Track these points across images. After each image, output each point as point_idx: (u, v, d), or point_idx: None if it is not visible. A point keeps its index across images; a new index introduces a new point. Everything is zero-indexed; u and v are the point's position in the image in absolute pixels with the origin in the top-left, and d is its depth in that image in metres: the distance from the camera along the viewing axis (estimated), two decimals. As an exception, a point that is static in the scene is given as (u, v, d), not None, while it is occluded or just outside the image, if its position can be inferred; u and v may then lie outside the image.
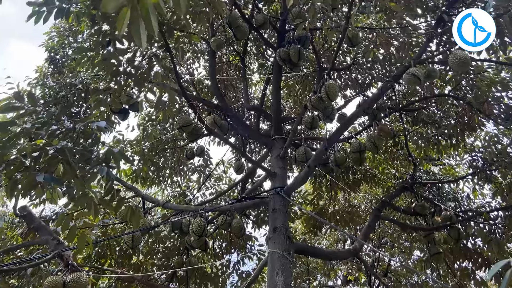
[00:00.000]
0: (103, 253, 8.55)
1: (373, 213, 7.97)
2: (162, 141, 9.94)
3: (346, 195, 10.77)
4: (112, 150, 3.94)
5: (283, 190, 6.50)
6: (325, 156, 7.73)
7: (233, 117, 7.60)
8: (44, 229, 5.27)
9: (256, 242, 10.57)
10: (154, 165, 10.17)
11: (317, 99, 5.82)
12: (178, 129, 6.16)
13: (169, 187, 10.83)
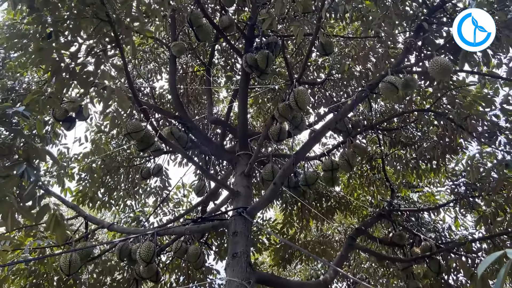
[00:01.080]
0: (38, 284, 7.85)
1: (347, 241, 7.63)
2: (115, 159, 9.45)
3: (318, 224, 10.42)
4: (35, 145, 3.50)
5: (245, 210, 6.12)
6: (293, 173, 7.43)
7: (194, 130, 7.25)
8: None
9: (218, 276, 10.05)
10: (105, 186, 9.63)
11: (285, 107, 5.55)
12: (126, 135, 5.74)
13: (122, 211, 10.25)
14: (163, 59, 10.20)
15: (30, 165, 3.43)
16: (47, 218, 3.72)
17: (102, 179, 9.36)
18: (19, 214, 3.80)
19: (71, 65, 5.30)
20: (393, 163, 8.74)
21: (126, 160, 9.69)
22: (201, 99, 10.45)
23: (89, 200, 9.30)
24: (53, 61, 5.09)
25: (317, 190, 10.36)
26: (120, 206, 10.17)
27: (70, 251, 5.47)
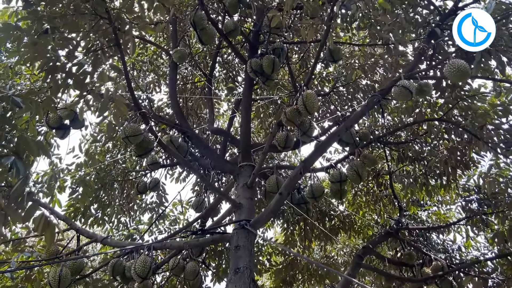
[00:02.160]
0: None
1: (354, 260, 7.32)
2: (109, 173, 9.16)
3: (322, 244, 10.08)
4: (27, 138, 3.25)
5: (249, 223, 5.82)
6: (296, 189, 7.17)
7: (194, 139, 7.01)
8: None
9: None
10: (99, 201, 9.31)
11: (293, 111, 5.33)
12: (124, 139, 5.48)
13: (115, 228, 9.90)
14: (162, 70, 10.04)
15: (19, 158, 3.17)
16: (35, 218, 3.43)
17: (96, 194, 9.06)
18: (5, 212, 3.52)
19: (67, 65, 5.11)
20: (401, 179, 8.48)
21: (121, 174, 9.40)
22: (200, 113, 10.25)
23: (81, 215, 8.98)
24: (48, 59, 4.88)
25: (320, 209, 10.08)
26: (114, 223, 9.83)
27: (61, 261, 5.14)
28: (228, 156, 9.96)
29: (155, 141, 5.57)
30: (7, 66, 6.81)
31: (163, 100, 10.13)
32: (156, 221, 9.58)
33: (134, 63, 9.75)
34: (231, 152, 10.03)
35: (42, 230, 3.34)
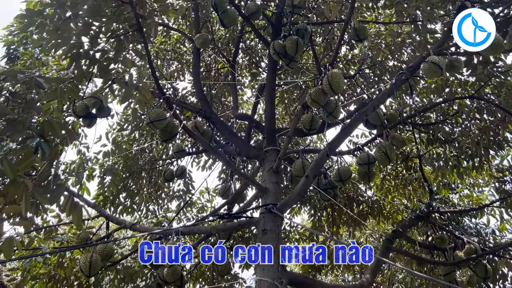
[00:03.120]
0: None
1: (384, 244, 7.17)
2: (137, 162, 9.24)
3: (350, 229, 9.94)
4: (51, 120, 3.25)
5: (275, 207, 5.76)
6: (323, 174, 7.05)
7: (219, 124, 6.96)
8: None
9: (244, 285, 9.66)
10: (127, 190, 9.42)
11: (318, 91, 5.21)
12: (149, 124, 5.48)
13: (144, 217, 10.00)
14: (186, 58, 10.03)
15: (44, 140, 3.17)
16: (62, 201, 3.44)
17: (124, 182, 9.16)
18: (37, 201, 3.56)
19: (90, 51, 5.12)
20: (431, 161, 8.25)
21: (149, 163, 9.47)
22: (225, 100, 10.21)
23: (111, 204, 9.10)
24: (71, 46, 4.89)
25: (348, 194, 9.94)
26: (143, 211, 9.94)
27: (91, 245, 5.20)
28: (253, 142, 9.92)
29: (180, 126, 5.54)
30: (33, 55, 6.89)
31: (187, 89, 10.13)
32: (184, 208, 9.62)
33: (158, 52, 9.76)
34: (256, 139, 9.97)
35: (70, 211, 3.35)
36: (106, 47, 5.22)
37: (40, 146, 3.00)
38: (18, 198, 3.33)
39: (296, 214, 11.42)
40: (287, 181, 9.14)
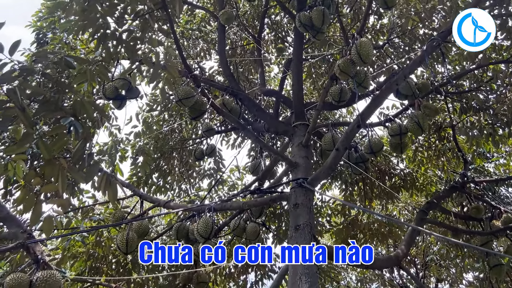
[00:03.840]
0: (97, 267, 7.84)
1: (418, 216, 7.07)
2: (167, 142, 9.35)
3: (383, 202, 9.83)
4: (83, 100, 3.29)
5: (306, 181, 5.74)
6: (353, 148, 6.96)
7: (246, 101, 6.94)
8: (13, 221, 4.62)
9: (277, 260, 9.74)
10: (159, 170, 9.57)
11: (346, 62, 5.11)
12: (177, 102, 5.51)
13: (177, 196, 10.16)
14: (211, 37, 9.98)
15: (77, 119, 3.23)
16: (97, 179, 3.52)
17: (156, 163, 9.29)
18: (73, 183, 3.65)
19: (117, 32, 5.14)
20: (465, 131, 8.02)
21: (179, 143, 9.58)
22: (252, 77, 10.15)
23: (144, 184, 9.27)
24: (98, 27, 4.92)
25: (379, 168, 9.81)
26: (175, 191, 10.10)
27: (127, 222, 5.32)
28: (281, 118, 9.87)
29: (208, 103, 5.55)
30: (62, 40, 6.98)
31: (214, 68, 10.12)
32: (215, 186, 9.71)
33: (183, 32, 9.74)
34: (284, 116, 9.91)
35: (105, 189, 3.42)
36: (132, 27, 5.25)
37: (73, 125, 3.06)
38: (55, 178, 3.42)
39: (327, 190, 11.38)
40: (317, 156, 9.08)
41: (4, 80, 2.95)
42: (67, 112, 3.29)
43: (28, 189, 3.58)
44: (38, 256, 4.19)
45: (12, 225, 4.70)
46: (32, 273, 4.08)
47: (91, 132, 7.28)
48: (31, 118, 3.02)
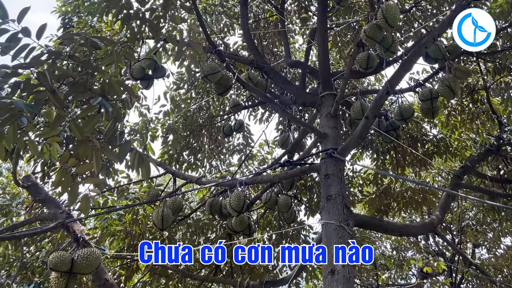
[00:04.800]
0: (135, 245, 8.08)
1: (452, 181, 6.95)
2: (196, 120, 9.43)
3: (416, 170, 9.69)
4: (111, 79, 3.34)
5: (336, 151, 5.69)
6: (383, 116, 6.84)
7: (272, 74, 6.88)
8: (52, 202, 4.80)
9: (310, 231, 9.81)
10: (189, 148, 9.69)
11: (372, 27, 4.98)
12: (203, 78, 5.52)
13: (208, 172, 10.29)
14: (234, 11, 9.90)
15: (106, 99, 3.28)
16: (130, 157, 3.59)
17: (186, 140, 9.40)
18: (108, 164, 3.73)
19: (140, 12, 5.16)
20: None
21: (207, 120, 9.64)
22: (276, 50, 10.05)
23: (175, 162, 9.41)
24: (121, 7, 4.95)
25: (411, 135, 9.64)
26: (206, 167, 10.22)
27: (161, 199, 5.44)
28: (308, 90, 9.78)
29: (234, 77, 5.54)
30: (87, 23, 7.06)
31: (238, 43, 10.06)
32: (245, 161, 9.77)
33: (206, 8, 9.69)
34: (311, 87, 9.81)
35: (138, 165, 3.49)
36: (154, 6, 5.25)
37: (102, 105, 3.11)
38: (89, 158, 3.51)
39: (358, 160, 11.29)
40: (346, 126, 8.99)
41: (34, 64, 3.01)
42: (96, 92, 3.34)
43: (64, 171, 3.66)
44: (78, 235, 4.35)
45: (51, 206, 4.90)
46: (73, 251, 4.24)
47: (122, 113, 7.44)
48: (62, 100, 3.08)
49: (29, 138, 3.50)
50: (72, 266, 3.97)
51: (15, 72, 2.99)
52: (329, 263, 4.83)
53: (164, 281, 8.02)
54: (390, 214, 10.14)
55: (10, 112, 2.92)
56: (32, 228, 4.60)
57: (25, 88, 3.13)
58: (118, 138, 3.43)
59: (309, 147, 7.89)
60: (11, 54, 3.09)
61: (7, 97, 2.95)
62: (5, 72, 2.95)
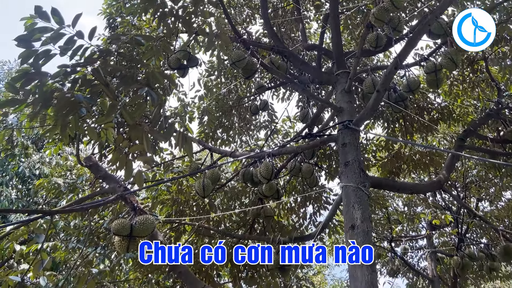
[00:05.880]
0: (181, 210, 8.28)
1: (456, 143, 6.81)
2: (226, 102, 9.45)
3: (423, 135, 9.50)
4: (153, 71, 3.37)
5: (351, 122, 5.64)
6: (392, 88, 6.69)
7: (291, 57, 6.80)
8: (111, 178, 4.95)
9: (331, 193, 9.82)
10: (222, 126, 9.75)
11: (380, 9, 4.85)
12: (231, 65, 5.51)
13: (239, 147, 10.35)
14: (254, 3, 9.75)
15: (151, 88, 3.32)
16: (174, 137, 3.65)
17: (219, 120, 9.46)
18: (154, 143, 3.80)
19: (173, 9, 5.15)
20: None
21: (236, 101, 9.66)
22: (293, 35, 9.88)
23: (211, 139, 9.50)
24: (157, 6, 4.95)
25: (418, 104, 9.42)
26: (237, 142, 10.28)
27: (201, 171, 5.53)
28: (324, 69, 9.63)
29: (258, 62, 5.50)
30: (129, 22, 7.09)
31: (259, 31, 9.93)
32: (271, 136, 9.78)
33: (230, 1, 9.57)
34: (326, 67, 9.66)
35: (181, 144, 3.55)
36: (186, 3, 5.23)
37: (148, 94, 3.15)
38: (140, 139, 3.58)
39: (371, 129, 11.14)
40: (359, 100, 8.85)
41: (88, 62, 3.07)
42: (142, 83, 3.39)
43: (119, 151, 3.76)
44: (134, 204, 4.48)
45: (110, 181, 5.05)
46: (131, 218, 4.39)
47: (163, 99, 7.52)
48: (114, 92, 3.14)
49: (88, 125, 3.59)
50: (131, 231, 4.12)
51: (73, 70, 3.05)
52: (349, 220, 4.87)
53: (207, 240, 8.23)
54: (401, 175, 10.04)
55: (72, 105, 3.00)
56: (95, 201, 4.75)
57: (82, 83, 3.20)
58: (164, 122, 3.48)
59: (327, 120, 7.82)
60: (68, 54, 3.15)
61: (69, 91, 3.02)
62: (65, 70, 3.02)
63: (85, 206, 3.83)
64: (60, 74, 2.98)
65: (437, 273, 11.79)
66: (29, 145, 14.10)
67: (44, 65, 2.88)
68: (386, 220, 11.19)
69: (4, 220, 12.88)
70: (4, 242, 4.22)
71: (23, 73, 2.85)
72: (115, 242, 4.28)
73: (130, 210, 4.48)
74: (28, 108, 3.36)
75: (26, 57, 2.79)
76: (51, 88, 3.11)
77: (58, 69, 2.98)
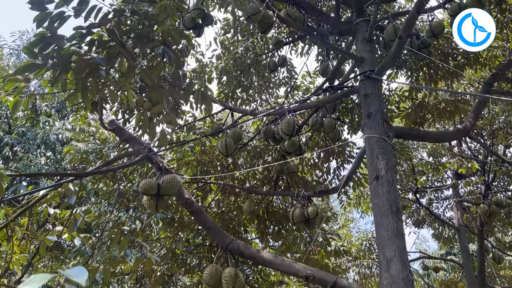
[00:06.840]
0: (206, 170, 8.40)
1: (484, 87, 6.56)
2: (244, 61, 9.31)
3: (448, 82, 9.17)
4: (169, 28, 3.31)
5: (373, 72, 5.48)
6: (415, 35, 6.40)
7: (309, 8, 6.56)
8: (135, 140, 5.01)
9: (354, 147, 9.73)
10: (241, 86, 9.66)
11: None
12: (247, 19, 5.37)
13: (260, 105, 10.29)
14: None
15: (167, 46, 3.27)
16: (193, 95, 3.63)
17: (238, 79, 9.36)
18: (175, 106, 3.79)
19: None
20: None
21: (254, 59, 9.50)
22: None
23: (231, 99, 9.46)
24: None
25: (442, 50, 9.03)
26: (257, 101, 10.21)
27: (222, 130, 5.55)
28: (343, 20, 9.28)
29: (274, 15, 5.34)
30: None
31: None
32: (291, 92, 9.66)
33: None
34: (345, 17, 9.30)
35: (201, 102, 3.54)
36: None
37: (165, 52, 3.11)
38: (160, 100, 3.58)
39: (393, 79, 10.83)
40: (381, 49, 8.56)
41: (103, 22, 3.03)
42: (158, 41, 3.34)
43: (142, 113, 3.78)
44: (160, 165, 4.55)
45: (135, 143, 5.11)
46: (158, 178, 4.47)
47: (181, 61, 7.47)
48: (131, 52, 3.12)
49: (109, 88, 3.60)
50: (159, 190, 4.21)
51: (89, 32, 3.02)
52: (374, 171, 4.84)
53: (233, 198, 8.37)
54: (425, 125, 9.82)
55: (91, 66, 3.00)
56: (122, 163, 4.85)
57: (99, 44, 3.17)
58: (182, 80, 3.46)
59: (348, 72, 7.63)
60: (83, 16, 3.11)
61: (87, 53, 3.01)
62: (81, 32, 2.99)
63: (112, 168, 3.91)
64: (76, 37, 2.96)
65: (463, 222, 11.76)
66: (52, 113, 14.39)
67: (59, 27, 2.86)
68: (410, 171, 11.09)
69: (36, 187, 13.42)
70: (38, 207, 4.40)
71: (40, 37, 2.84)
72: (144, 201, 4.40)
73: (156, 170, 4.55)
74: (48, 74, 3.38)
75: (40, 20, 2.76)
76: (68, 51, 3.10)
77: (74, 31, 2.95)
